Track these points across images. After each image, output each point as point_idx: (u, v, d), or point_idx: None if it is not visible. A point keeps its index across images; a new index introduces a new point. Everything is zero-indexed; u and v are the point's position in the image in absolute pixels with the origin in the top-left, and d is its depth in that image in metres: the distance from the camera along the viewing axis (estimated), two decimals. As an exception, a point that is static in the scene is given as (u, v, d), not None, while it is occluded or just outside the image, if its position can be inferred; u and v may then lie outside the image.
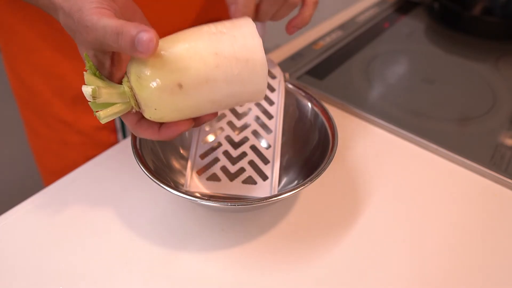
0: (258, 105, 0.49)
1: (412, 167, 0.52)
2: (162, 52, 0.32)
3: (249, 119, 0.49)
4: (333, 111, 0.61)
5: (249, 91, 0.35)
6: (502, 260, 0.42)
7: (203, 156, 0.47)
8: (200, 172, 0.46)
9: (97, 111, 0.33)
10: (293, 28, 0.47)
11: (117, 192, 0.47)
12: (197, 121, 0.38)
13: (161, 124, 0.36)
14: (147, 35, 0.30)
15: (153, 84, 0.32)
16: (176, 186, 0.44)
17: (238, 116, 0.49)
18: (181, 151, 0.48)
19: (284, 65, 0.68)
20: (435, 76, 0.70)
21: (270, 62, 0.50)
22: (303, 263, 0.41)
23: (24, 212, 0.45)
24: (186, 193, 0.38)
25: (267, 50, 0.81)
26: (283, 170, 0.47)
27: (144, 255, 0.41)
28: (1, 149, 1.16)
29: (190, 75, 0.32)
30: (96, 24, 0.31)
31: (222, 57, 0.33)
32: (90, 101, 0.33)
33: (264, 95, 0.36)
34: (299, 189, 0.38)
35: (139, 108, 0.34)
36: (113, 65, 0.35)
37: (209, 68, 0.32)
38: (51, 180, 0.49)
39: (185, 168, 0.46)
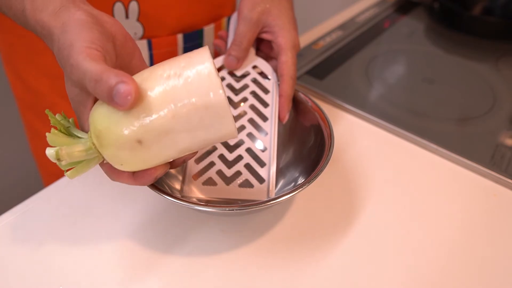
0: (253, 107, 0.49)
1: (412, 167, 0.52)
2: None
3: (244, 121, 0.48)
4: (333, 111, 0.61)
5: (216, 134, 0.32)
6: (502, 260, 0.42)
7: (198, 160, 0.46)
8: (195, 176, 0.45)
9: (67, 170, 0.32)
10: (284, 115, 0.47)
11: (116, 193, 0.47)
12: (174, 163, 0.36)
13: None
14: (125, 87, 0.28)
15: (112, 143, 0.30)
16: (172, 191, 0.43)
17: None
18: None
19: (284, 65, 0.68)
20: (435, 76, 0.70)
21: (263, 63, 0.50)
22: (301, 265, 0.41)
23: (24, 212, 0.45)
24: (182, 198, 0.37)
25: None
26: (280, 172, 0.47)
27: (143, 256, 0.41)
28: (1, 150, 1.16)
29: (147, 130, 0.30)
30: (79, 65, 0.30)
31: (178, 107, 0.30)
32: (57, 162, 0.31)
33: (235, 135, 0.33)
34: (296, 192, 0.38)
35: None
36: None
37: (166, 120, 0.30)
38: (52, 181, 0.49)
39: (180, 173, 0.46)
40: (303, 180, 0.39)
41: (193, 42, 0.58)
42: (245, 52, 0.48)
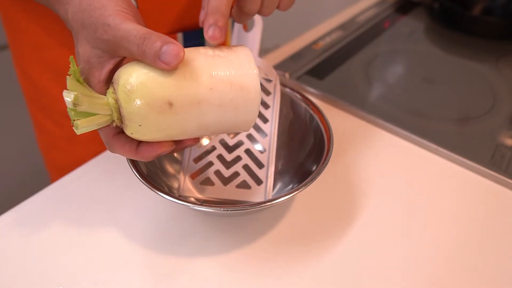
0: None
1: (412, 167, 0.52)
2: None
3: None
4: (333, 111, 0.61)
5: (239, 119, 0.34)
6: (502, 260, 0.42)
7: (197, 160, 0.47)
8: (194, 176, 0.45)
9: (74, 120, 0.31)
10: (206, 30, 0.36)
11: (118, 191, 0.47)
12: (178, 145, 0.36)
13: (139, 142, 0.34)
14: (174, 47, 0.30)
15: (142, 99, 0.30)
16: (170, 191, 0.43)
17: None
18: (175, 155, 0.48)
19: (284, 65, 0.68)
20: (435, 76, 0.70)
21: (265, 65, 0.50)
22: (300, 267, 0.41)
23: (26, 211, 0.45)
24: (179, 198, 0.37)
25: (267, 50, 0.82)
26: (278, 174, 0.47)
27: (142, 256, 0.41)
28: (7, 147, 1.16)
29: (183, 94, 0.31)
30: (118, 24, 0.30)
31: (217, 80, 0.32)
32: (69, 108, 0.31)
33: (252, 125, 0.35)
34: (292, 194, 0.38)
35: (121, 123, 0.33)
36: (112, 71, 0.33)
37: (203, 89, 0.31)
38: (59, 177, 0.49)
39: (179, 172, 0.46)
40: (301, 182, 0.39)
41: (193, 41, 0.58)
42: (226, 18, 0.38)
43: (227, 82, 0.32)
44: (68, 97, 0.30)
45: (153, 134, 0.33)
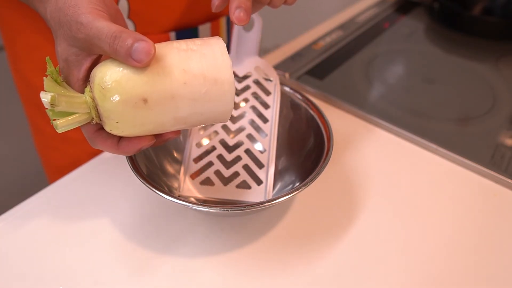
0: (254, 108, 0.49)
1: (412, 167, 0.52)
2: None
3: (244, 122, 0.48)
4: (333, 111, 0.61)
5: (215, 110, 0.34)
6: (502, 260, 0.42)
7: (197, 160, 0.47)
8: (193, 176, 0.45)
9: (54, 120, 0.32)
10: (233, 12, 0.37)
11: (117, 192, 0.47)
12: (159, 138, 0.36)
13: (120, 137, 0.35)
14: (145, 44, 0.30)
15: (117, 97, 0.31)
16: (170, 190, 0.43)
17: (233, 119, 0.49)
18: (175, 155, 0.48)
19: (284, 65, 0.68)
20: (435, 76, 0.70)
21: (265, 65, 0.50)
22: (300, 267, 0.41)
23: (24, 211, 0.45)
24: (179, 198, 0.37)
25: (267, 50, 0.82)
26: (278, 174, 0.47)
27: (143, 256, 0.41)
28: (5, 148, 1.16)
29: (156, 90, 0.31)
30: (91, 23, 0.31)
31: (191, 75, 0.32)
32: (47, 109, 0.31)
33: (230, 116, 0.35)
34: (292, 194, 0.38)
35: (100, 120, 0.33)
36: (90, 69, 0.34)
37: (177, 84, 0.32)
38: (56, 177, 0.49)
39: (179, 172, 0.46)
40: (301, 182, 0.39)
41: None
42: (250, 2, 0.38)
43: (200, 75, 0.32)
44: (45, 98, 0.31)
45: (131, 130, 0.33)
